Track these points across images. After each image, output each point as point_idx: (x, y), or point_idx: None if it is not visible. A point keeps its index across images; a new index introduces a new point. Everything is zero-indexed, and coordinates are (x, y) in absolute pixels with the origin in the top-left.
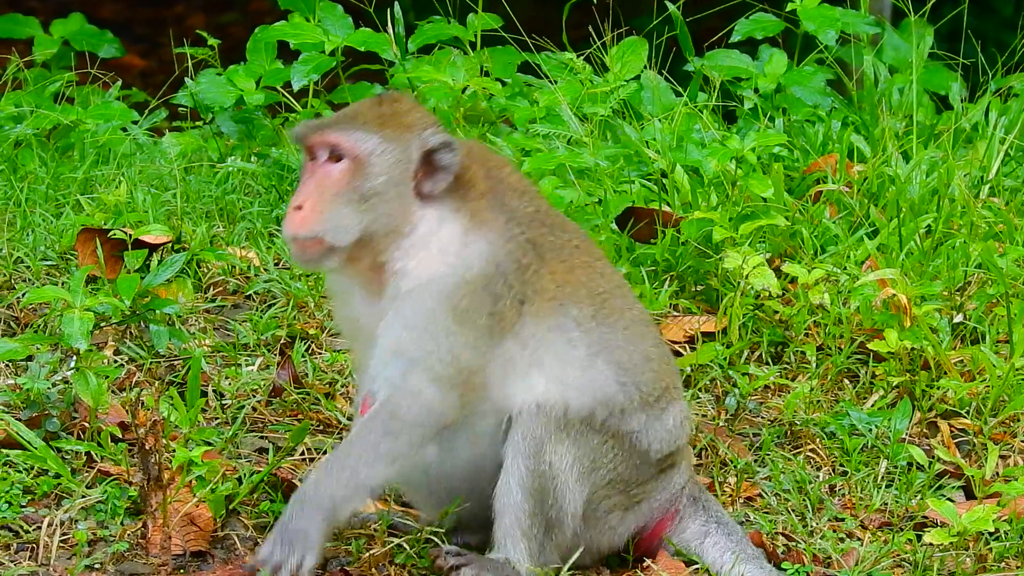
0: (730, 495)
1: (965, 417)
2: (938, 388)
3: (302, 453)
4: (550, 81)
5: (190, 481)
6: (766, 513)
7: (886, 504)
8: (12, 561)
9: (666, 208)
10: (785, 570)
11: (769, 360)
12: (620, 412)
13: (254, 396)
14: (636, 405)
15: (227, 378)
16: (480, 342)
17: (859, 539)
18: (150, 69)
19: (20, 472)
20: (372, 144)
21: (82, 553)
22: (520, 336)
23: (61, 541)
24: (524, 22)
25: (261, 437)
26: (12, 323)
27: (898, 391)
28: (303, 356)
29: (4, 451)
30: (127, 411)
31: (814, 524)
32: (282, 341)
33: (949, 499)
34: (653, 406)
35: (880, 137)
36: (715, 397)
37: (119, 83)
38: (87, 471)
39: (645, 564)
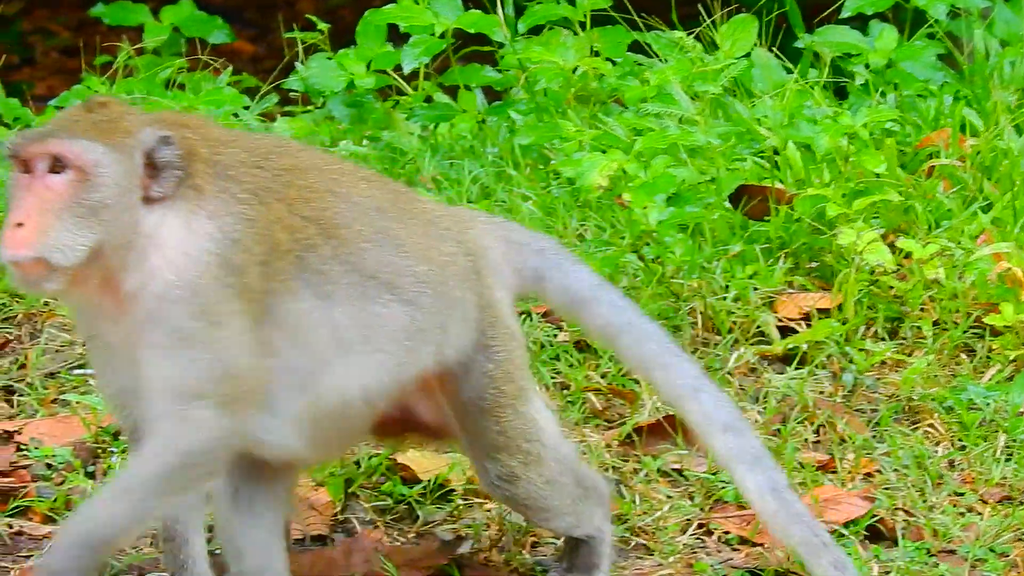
0: (849, 471)
1: None
2: None
3: None
4: (660, 60)
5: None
6: (886, 489)
7: (1005, 478)
8: (134, 548)
9: (779, 185)
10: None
11: (885, 336)
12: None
13: None
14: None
15: None
16: (249, 334)
17: (979, 513)
18: (259, 54)
19: None
20: (97, 153)
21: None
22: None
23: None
24: (634, 1)
25: None
26: None
27: (1015, 365)
28: None
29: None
30: None
31: (934, 499)
32: None
33: None
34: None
35: (992, 111)
36: (832, 374)
37: (230, 69)
38: None
39: None
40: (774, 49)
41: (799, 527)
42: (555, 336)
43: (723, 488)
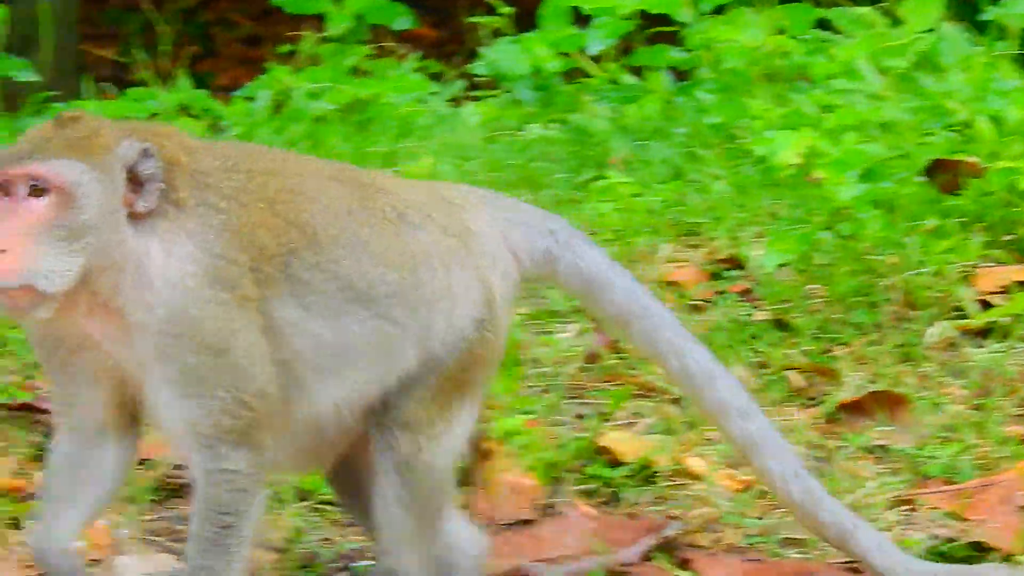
0: None
1: None
2: None
3: (622, 418)
4: (845, 36)
5: (514, 450)
6: None
7: None
8: (341, 536)
9: (970, 159)
10: None
11: None
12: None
13: (571, 363)
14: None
15: (543, 346)
16: (259, 347)
17: None
18: (442, 39)
19: None
20: (78, 172)
21: None
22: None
23: None
24: None
25: (580, 403)
26: None
27: None
28: None
29: None
30: None
31: None
32: None
33: None
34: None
35: None
36: None
37: (416, 55)
38: None
39: None
40: (960, 22)
41: (827, 512)
42: (751, 315)
43: (929, 463)
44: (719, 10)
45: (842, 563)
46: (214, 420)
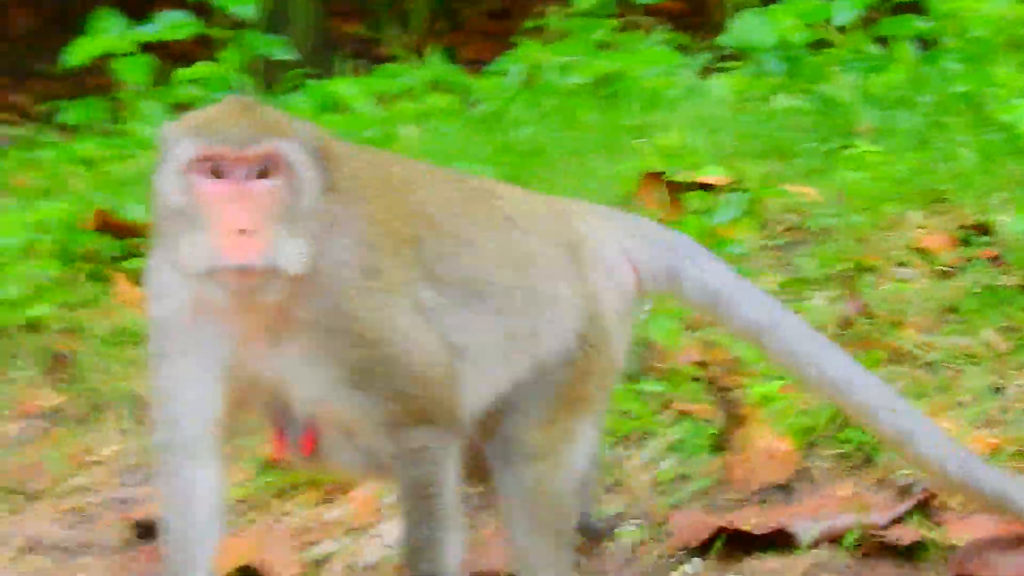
0: None
1: None
2: None
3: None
4: None
5: (768, 416)
6: None
7: None
8: (602, 500)
9: None
10: None
11: None
12: None
13: (825, 329)
14: None
15: (796, 312)
16: (420, 327)
17: None
18: (685, 11)
19: None
20: (298, 154)
21: (667, 491)
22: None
23: (646, 479)
24: None
25: None
26: None
27: None
28: (869, 287)
29: None
30: (702, 351)
31: None
32: (847, 274)
33: None
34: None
35: None
36: None
37: (663, 28)
38: (666, 411)
39: None
40: None
41: (989, 482)
42: (1000, 280)
43: None
44: None
45: None
46: (385, 408)
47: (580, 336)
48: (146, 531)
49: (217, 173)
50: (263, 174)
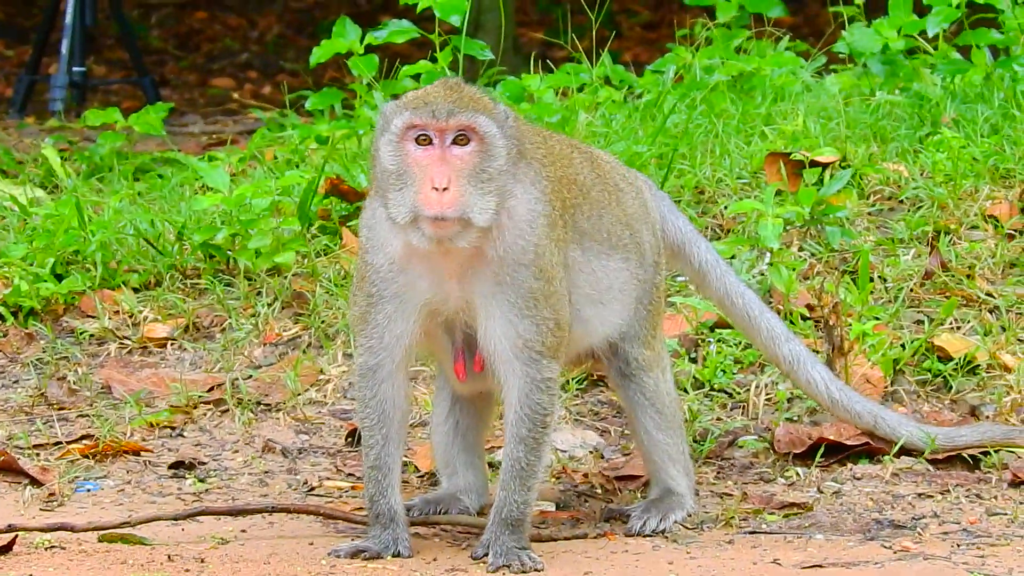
0: None
1: None
2: None
3: (951, 323)
4: None
5: (865, 348)
6: None
7: None
8: (728, 417)
9: None
10: None
11: None
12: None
13: (911, 280)
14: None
15: (888, 266)
16: (566, 279)
17: None
18: (797, 24)
19: (731, 347)
20: (491, 126)
21: (781, 409)
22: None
23: (765, 399)
24: None
25: (918, 311)
26: (718, 229)
27: None
28: (947, 246)
29: (718, 331)
30: (812, 296)
31: None
32: (930, 235)
33: None
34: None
35: None
36: None
37: (786, 36)
38: None
39: None
40: None
41: (861, 403)
42: None
43: None
44: None
45: None
46: (542, 337)
47: (656, 264)
48: (359, 438)
49: (423, 140)
50: (462, 141)
